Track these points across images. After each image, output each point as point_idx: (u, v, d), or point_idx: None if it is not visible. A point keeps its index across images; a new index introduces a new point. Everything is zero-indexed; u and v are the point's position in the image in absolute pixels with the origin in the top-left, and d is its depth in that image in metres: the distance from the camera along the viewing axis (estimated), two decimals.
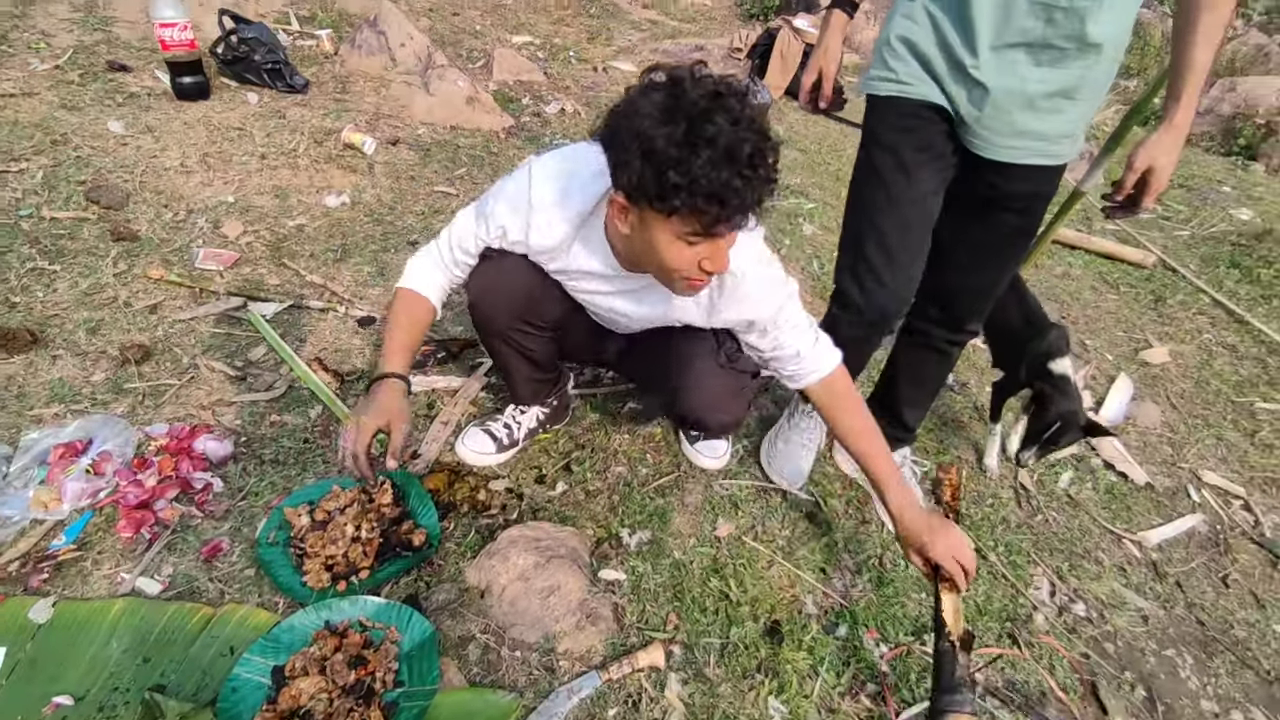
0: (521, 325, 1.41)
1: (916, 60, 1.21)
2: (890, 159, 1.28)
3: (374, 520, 1.40)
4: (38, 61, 2.74)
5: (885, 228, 1.32)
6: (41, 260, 1.94)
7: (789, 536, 1.62)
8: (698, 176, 0.92)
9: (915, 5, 1.20)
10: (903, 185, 1.28)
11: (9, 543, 1.29)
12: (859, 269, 1.37)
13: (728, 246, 1.07)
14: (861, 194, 1.36)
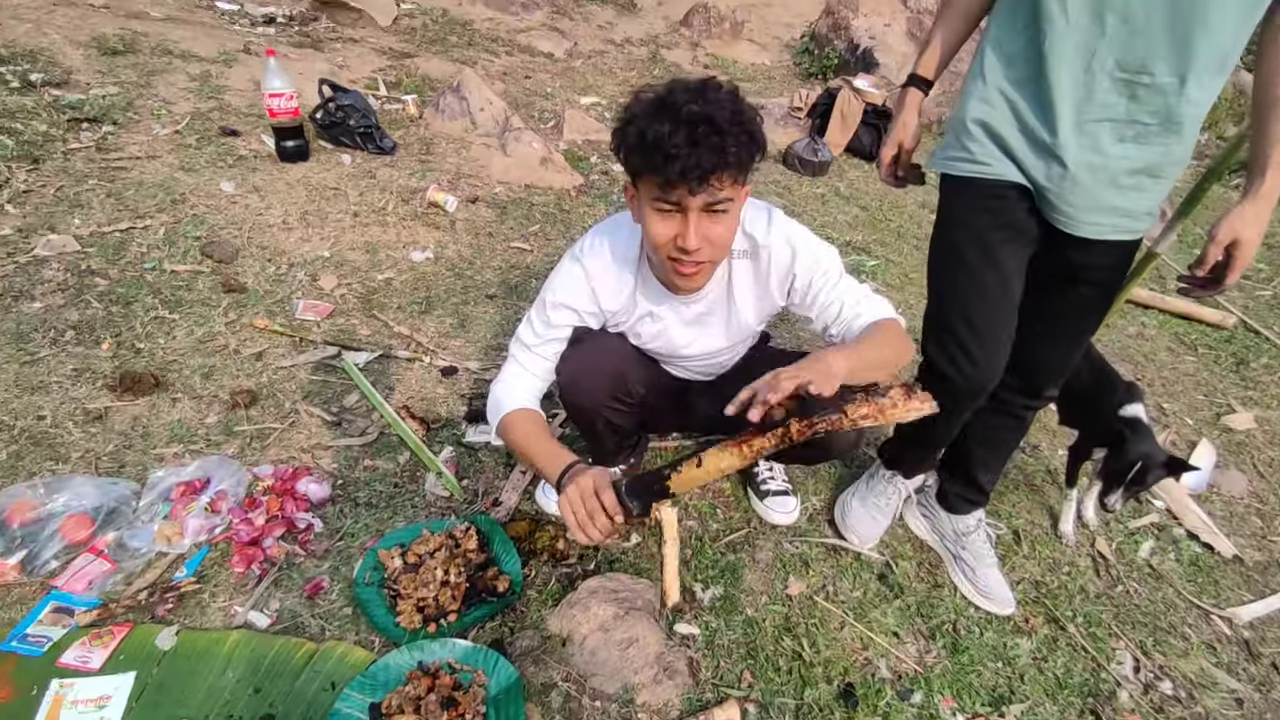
0: (611, 403, 1.49)
1: (994, 142, 1.23)
2: (973, 239, 1.30)
3: (461, 565, 1.48)
4: (160, 127, 3.02)
5: (972, 307, 1.32)
6: (163, 310, 2.12)
7: (860, 598, 1.62)
8: (646, 132, 1.06)
9: (990, 89, 1.22)
10: (987, 265, 1.29)
11: (138, 572, 1.40)
12: (948, 346, 1.36)
13: (698, 221, 1.12)
14: (945, 273, 1.37)
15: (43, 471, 1.58)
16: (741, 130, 1.07)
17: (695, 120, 1.04)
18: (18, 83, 2.97)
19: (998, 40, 1.20)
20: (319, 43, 4.49)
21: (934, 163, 1.36)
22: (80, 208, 2.44)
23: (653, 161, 1.06)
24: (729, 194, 1.11)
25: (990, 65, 1.21)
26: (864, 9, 5.60)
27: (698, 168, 1.05)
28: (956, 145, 1.29)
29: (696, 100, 1.05)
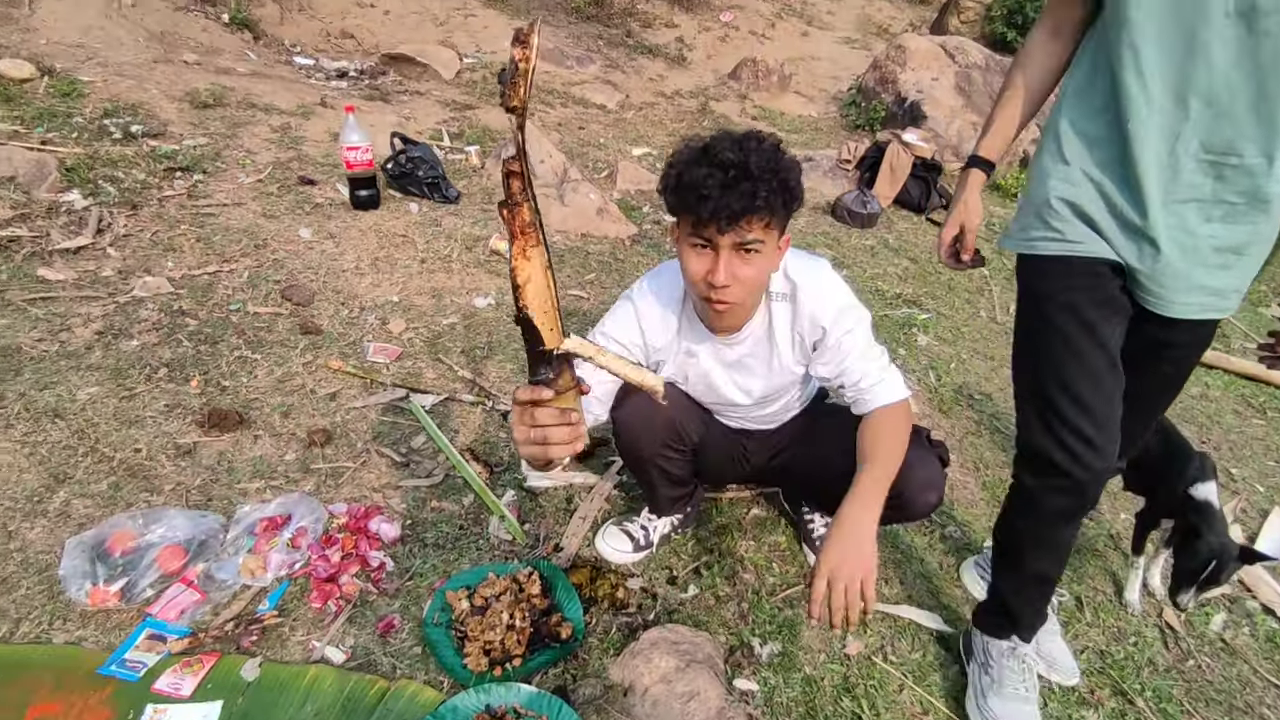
0: (665, 450, 1.54)
1: (1082, 221, 1.20)
2: (1073, 317, 1.23)
3: (526, 610, 1.52)
4: (244, 175, 3.23)
5: (1082, 388, 1.23)
6: (246, 349, 2.25)
7: (919, 660, 1.61)
8: (684, 175, 1.17)
9: (1072, 169, 1.19)
10: (1091, 343, 1.23)
11: (225, 604, 1.48)
12: (1061, 433, 1.24)
13: (729, 259, 1.20)
14: (1045, 356, 1.27)
15: (139, 502, 1.68)
16: (774, 178, 1.15)
17: (729, 166, 1.14)
18: (120, 134, 3.22)
19: (1074, 122, 1.20)
20: (387, 95, 4.75)
21: (1009, 244, 1.32)
22: (173, 251, 2.62)
23: (687, 201, 1.17)
24: (759, 236, 1.19)
25: (1071, 147, 1.19)
26: (911, 63, 5.70)
27: (727, 209, 1.14)
28: (1041, 225, 1.24)
29: (735, 149, 1.15)
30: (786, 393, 1.59)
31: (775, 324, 1.43)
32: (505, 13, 6.51)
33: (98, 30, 4.11)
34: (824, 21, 8.85)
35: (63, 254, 2.46)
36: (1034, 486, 1.32)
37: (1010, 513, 1.42)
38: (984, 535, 2.02)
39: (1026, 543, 1.39)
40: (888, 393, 1.38)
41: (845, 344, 1.39)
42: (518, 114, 0.71)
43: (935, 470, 1.46)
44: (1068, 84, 1.24)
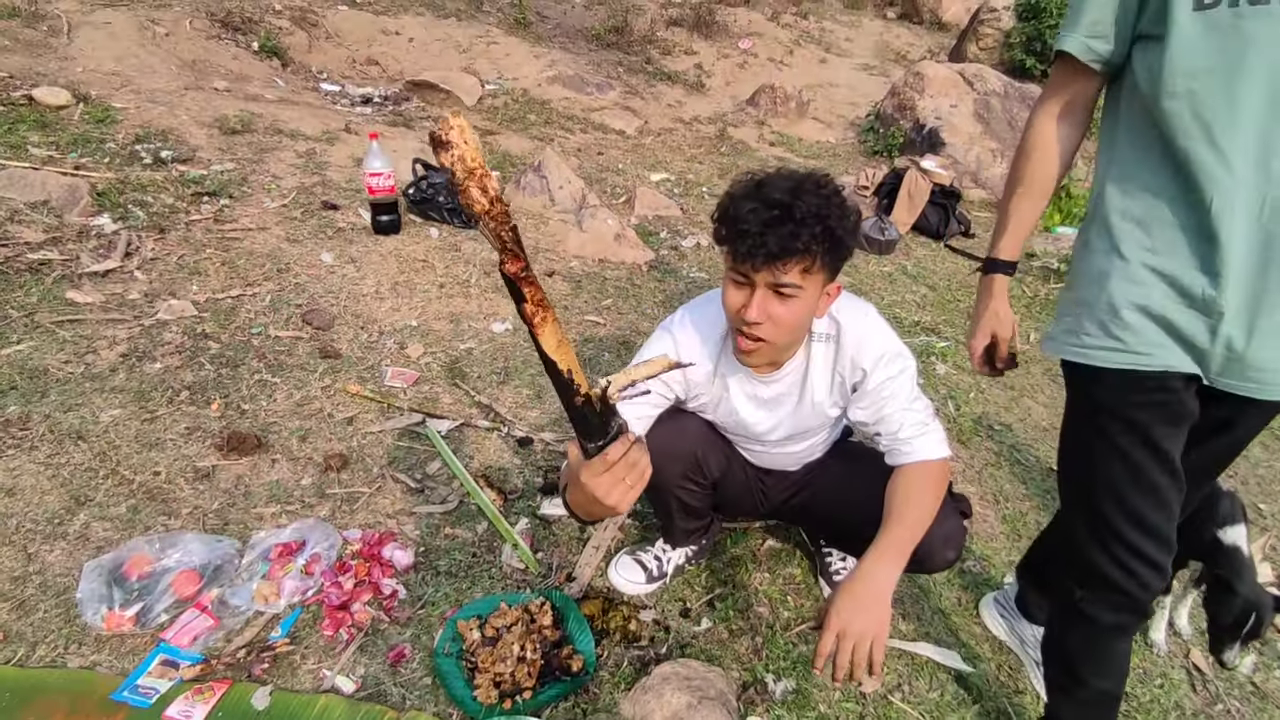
0: (685, 483, 1.53)
1: (1156, 324, 1.06)
2: (1137, 437, 1.11)
3: (537, 641, 1.51)
4: (270, 200, 3.30)
5: (1141, 507, 1.13)
6: (266, 373, 2.28)
7: (937, 700, 1.57)
8: (731, 207, 1.18)
9: (1134, 266, 1.07)
10: (1154, 460, 1.11)
11: (238, 630, 1.49)
12: (1116, 551, 1.16)
13: (764, 298, 1.19)
14: (1100, 471, 1.16)
15: (156, 526, 1.70)
16: (819, 224, 1.14)
17: (775, 205, 1.14)
18: (150, 159, 3.30)
19: (1125, 211, 1.08)
20: (410, 121, 4.84)
21: (1057, 349, 1.19)
22: (198, 275, 2.67)
23: (730, 234, 1.18)
24: (796, 280, 1.18)
25: (1128, 240, 1.07)
26: (930, 90, 5.72)
27: (764, 249, 1.14)
28: (1100, 333, 1.10)
29: (788, 190, 1.15)
30: (814, 434, 1.57)
31: (813, 365, 1.41)
32: (527, 40, 6.63)
33: (132, 59, 4.24)
34: (842, 49, 8.91)
35: (91, 277, 2.52)
36: (1086, 600, 1.22)
37: (1061, 629, 1.32)
38: (1004, 570, 1.98)
39: (1084, 660, 1.27)
40: (927, 448, 1.33)
41: (886, 390, 1.35)
42: (488, 217, 0.63)
43: (955, 526, 1.42)
44: (1106, 168, 1.12)
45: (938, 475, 1.32)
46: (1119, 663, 1.27)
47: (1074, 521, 1.24)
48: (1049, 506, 2.28)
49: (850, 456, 1.65)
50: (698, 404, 1.50)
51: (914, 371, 1.38)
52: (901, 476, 1.33)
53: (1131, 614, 1.20)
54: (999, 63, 7.48)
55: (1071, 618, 1.26)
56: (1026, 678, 1.66)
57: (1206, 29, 0.94)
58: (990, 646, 1.74)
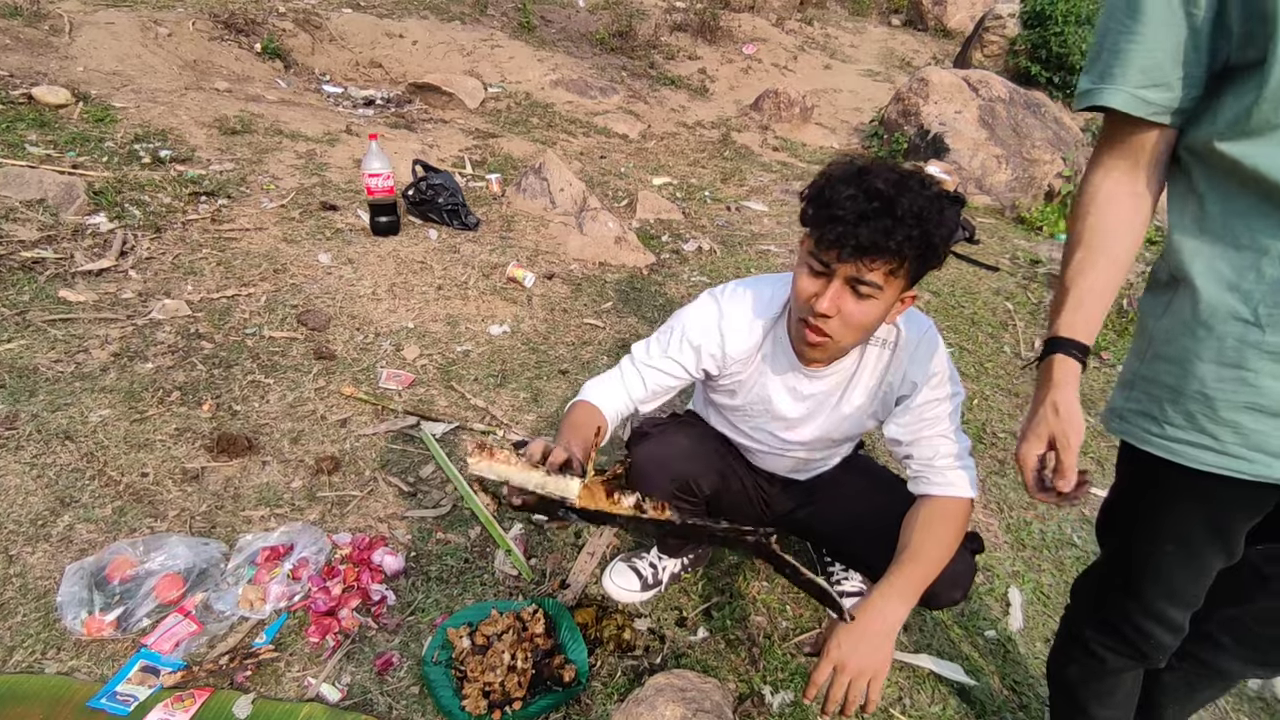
0: (676, 499, 1.48)
1: (1262, 416, 0.86)
2: (1209, 530, 0.98)
3: (528, 650, 1.47)
4: (268, 200, 3.28)
5: (1187, 586, 1.04)
6: (260, 374, 2.25)
7: (939, 714, 1.53)
8: (828, 189, 1.09)
9: (1227, 344, 0.86)
10: (1219, 550, 1.00)
11: (221, 636, 1.45)
12: (1142, 622, 1.08)
13: (839, 291, 1.12)
14: (1156, 549, 1.04)
15: (142, 529, 1.67)
16: (916, 226, 1.05)
17: (875, 196, 1.05)
18: (149, 159, 3.29)
19: (1214, 273, 0.87)
20: (412, 123, 4.83)
21: (1129, 433, 0.99)
22: (194, 274, 2.65)
23: (820, 217, 1.10)
24: (878, 280, 1.10)
25: (1220, 310, 0.87)
26: (934, 96, 5.69)
27: (854, 240, 1.06)
28: (1187, 424, 0.91)
29: (891, 183, 1.07)
30: (837, 445, 1.51)
31: (863, 369, 1.34)
32: (530, 44, 6.63)
33: (134, 59, 4.23)
34: (846, 54, 8.90)
35: (85, 276, 2.50)
36: (1094, 641, 1.16)
37: (1066, 660, 1.25)
38: (1007, 580, 1.94)
39: (1087, 693, 1.23)
40: (959, 484, 1.26)
41: (929, 411, 1.29)
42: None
43: (966, 566, 1.35)
44: (1180, 218, 0.92)
45: (963, 515, 1.26)
46: (1126, 695, 1.23)
47: (1104, 575, 1.16)
48: (1052, 516, 2.23)
49: (861, 473, 1.59)
50: (730, 382, 1.42)
51: (961, 404, 1.32)
52: (926, 509, 1.25)
53: (1139, 663, 1.15)
54: (1004, 70, 7.46)
55: (1077, 652, 1.21)
56: (1030, 691, 1.61)
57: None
58: (994, 659, 1.70)
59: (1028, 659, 1.70)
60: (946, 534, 1.22)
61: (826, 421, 1.41)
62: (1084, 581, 1.22)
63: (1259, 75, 0.78)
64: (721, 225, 4.20)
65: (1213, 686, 1.24)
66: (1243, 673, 1.15)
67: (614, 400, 1.34)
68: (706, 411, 1.60)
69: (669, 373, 1.36)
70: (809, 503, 1.57)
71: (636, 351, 1.38)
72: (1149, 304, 0.98)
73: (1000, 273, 4.16)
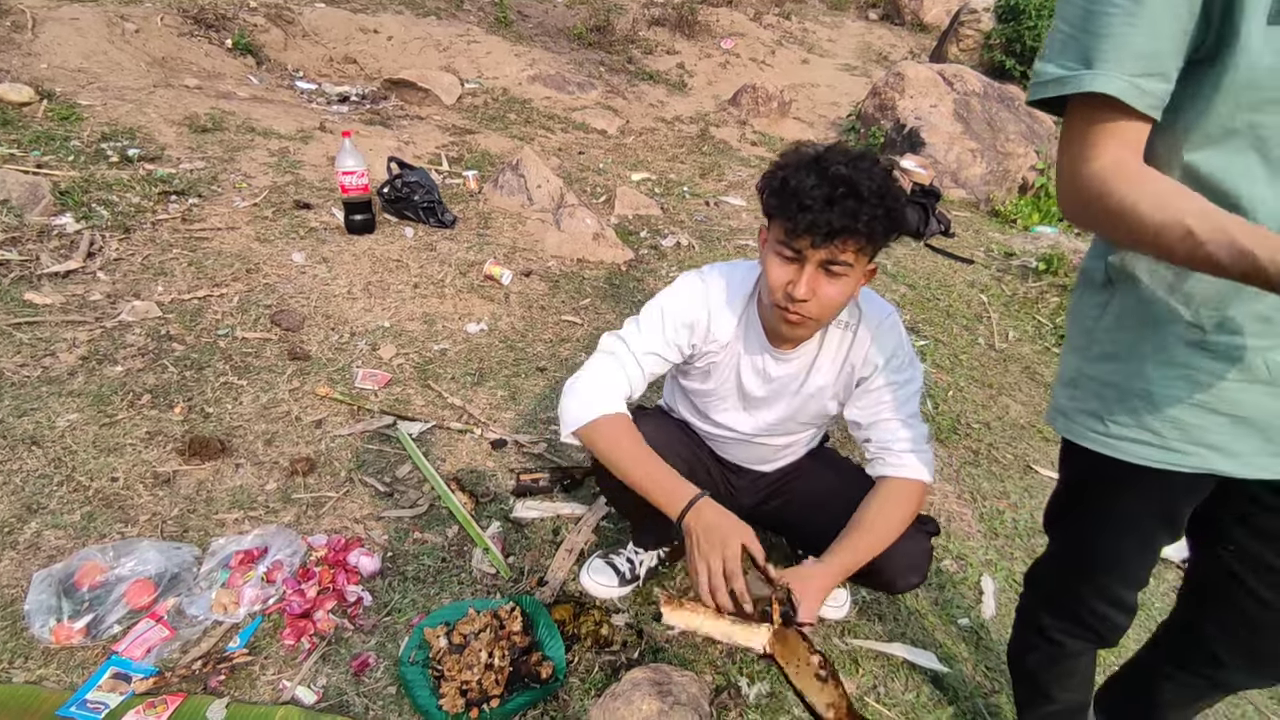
0: None
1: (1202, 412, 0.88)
2: (1158, 524, 1.02)
3: (506, 648, 1.47)
4: (240, 199, 3.23)
5: (1138, 569, 1.08)
6: (232, 375, 2.23)
7: (913, 701, 1.56)
8: (790, 180, 1.12)
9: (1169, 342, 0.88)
10: (1167, 532, 1.03)
11: (194, 641, 1.44)
12: (1098, 607, 1.12)
13: (813, 275, 1.16)
14: (1105, 540, 1.07)
15: (113, 534, 1.64)
16: (880, 204, 1.10)
17: (838, 181, 1.09)
18: (117, 158, 3.23)
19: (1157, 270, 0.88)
20: (388, 120, 4.78)
21: (1071, 431, 1.01)
22: (164, 275, 2.61)
23: (787, 208, 1.12)
24: (850, 259, 1.14)
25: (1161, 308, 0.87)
26: (910, 90, 5.74)
27: (826, 225, 1.09)
28: (1130, 421, 0.93)
29: (848, 165, 1.11)
30: (799, 432, 1.54)
31: (825, 351, 1.38)
32: (508, 39, 6.58)
33: (100, 55, 4.15)
34: (824, 49, 8.94)
35: (51, 278, 2.45)
36: (1052, 628, 1.19)
37: (1025, 648, 1.28)
38: (980, 569, 1.97)
39: (1049, 679, 1.26)
40: (913, 466, 1.29)
41: (889, 395, 1.33)
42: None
43: (922, 549, 1.39)
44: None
45: (916, 496, 1.29)
46: (1084, 676, 1.26)
47: (1058, 565, 1.18)
48: (1025, 505, 2.27)
49: (827, 465, 1.62)
50: (705, 363, 1.43)
51: (920, 388, 1.36)
52: (882, 492, 1.29)
53: (1096, 645, 1.18)
54: (979, 64, 7.53)
55: (1035, 639, 1.24)
56: (1002, 678, 1.64)
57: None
58: (967, 646, 1.73)
59: (1000, 646, 1.73)
60: (896, 512, 1.26)
61: (791, 403, 1.44)
62: (1037, 571, 1.25)
63: (1217, 70, 0.76)
64: (700, 220, 4.20)
65: (1212, 696, 1.24)
66: (1244, 684, 1.15)
67: (623, 395, 1.31)
68: (675, 400, 1.61)
69: (666, 357, 1.37)
70: (777, 495, 1.60)
71: (626, 335, 1.37)
72: (1084, 304, 0.99)
73: (975, 265, 4.21)
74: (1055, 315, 3.71)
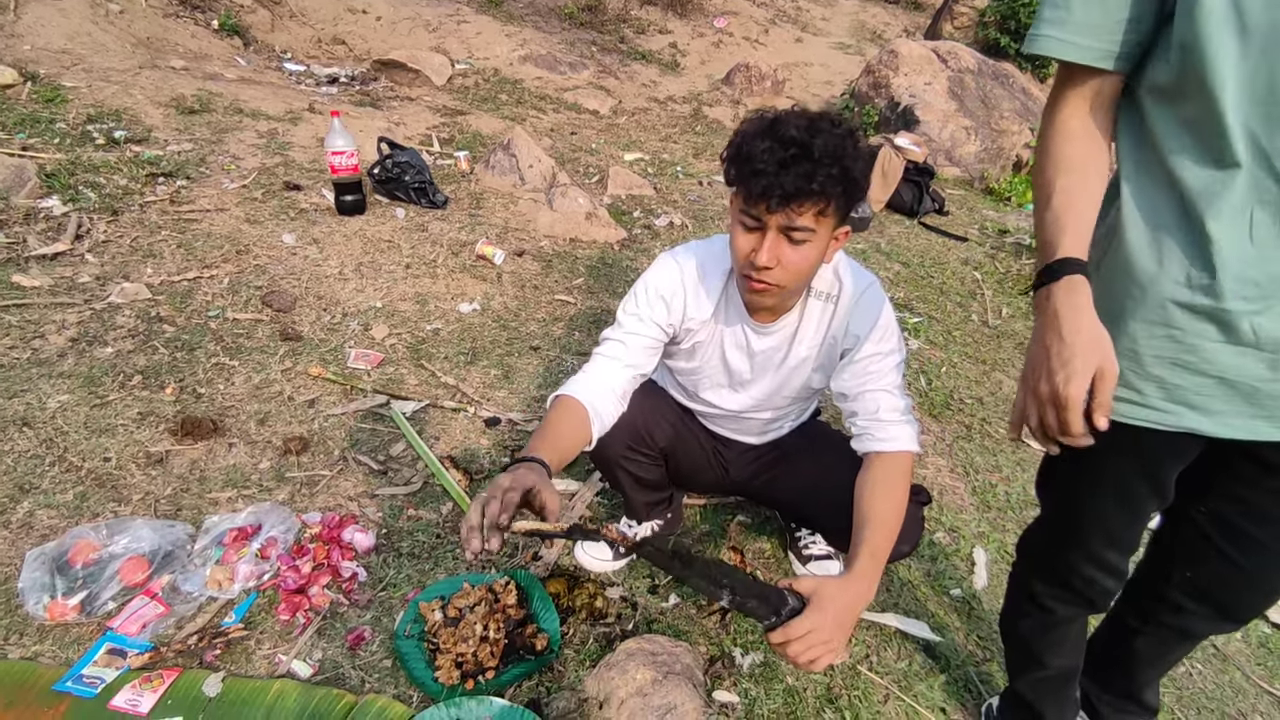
0: (629, 453, 1.50)
1: (1186, 372, 0.88)
2: (1144, 478, 1.01)
3: (501, 621, 1.48)
4: (229, 181, 3.20)
5: (1125, 531, 1.08)
6: (224, 356, 2.22)
7: (905, 670, 1.57)
8: (744, 146, 1.11)
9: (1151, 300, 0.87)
10: (1152, 493, 1.03)
11: (189, 617, 1.44)
12: (1087, 569, 1.12)
13: (775, 241, 1.14)
14: (1093, 501, 1.07)
15: (105, 513, 1.64)
16: (836, 164, 1.07)
17: (791, 144, 1.07)
18: (103, 140, 3.19)
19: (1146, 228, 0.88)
20: (378, 101, 4.73)
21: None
22: (153, 257, 2.59)
23: (743, 174, 1.11)
24: (809, 224, 1.12)
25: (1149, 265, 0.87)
26: (904, 68, 5.69)
27: (779, 189, 1.08)
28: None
29: (803, 128, 1.09)
30: (785, 405, 1.53)
31: (806, 322, 1.36)
32: (498, 19, 6.51)
33: (84, 36, 4.09)
34: (818, 27, 8.86)
35: (39, 260, 2.43)
36: (1044, 595, 1.20)
37: (1017, 615, 1.29)
38: (972, 541, 1.98)
39: (1041, 645, 1.26)
40: (900, 438, 1.26)
41: (873, 366, 1.31)
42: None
43: (913, 519, 1.38)
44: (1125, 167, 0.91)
45: (908, 469, 1.28)
46: (1075, 641, 1.27)
47: (1049, 531, 1.19)
48: (1018, 478, 2.29)
49: (818, 440, 1.62)
50: (689, 343, 1.42)
51: (903, 360, 1.35)
52: (876, 470, 1.26)
53: (1087, 610, 1.19)
54: (974, 41, 7.47)
55: (1025, 605, 1.25)
56: (994, 645, 1.66)
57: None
58: (959, 616, 1.74)
59: (991, 615, 1.75)
60: (898, 492, 1.24)
61: (776, 377, 1.44)
62: (1029, 538, 1.25)
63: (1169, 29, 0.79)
64: (693, 200, 4.19)
65: (1181, 646, 1.26)
66: (1208, 629, 1.17)
67: (600, 385, 1.29)
68: (665, 382, 1.62)
69: (649, 335, 1.36)
70: (769, 469, 1.60)
71: (613, 328, 1.37)
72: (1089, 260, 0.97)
73: (969, 243, 4.20)
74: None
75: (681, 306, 1.36)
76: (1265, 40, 0.73)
